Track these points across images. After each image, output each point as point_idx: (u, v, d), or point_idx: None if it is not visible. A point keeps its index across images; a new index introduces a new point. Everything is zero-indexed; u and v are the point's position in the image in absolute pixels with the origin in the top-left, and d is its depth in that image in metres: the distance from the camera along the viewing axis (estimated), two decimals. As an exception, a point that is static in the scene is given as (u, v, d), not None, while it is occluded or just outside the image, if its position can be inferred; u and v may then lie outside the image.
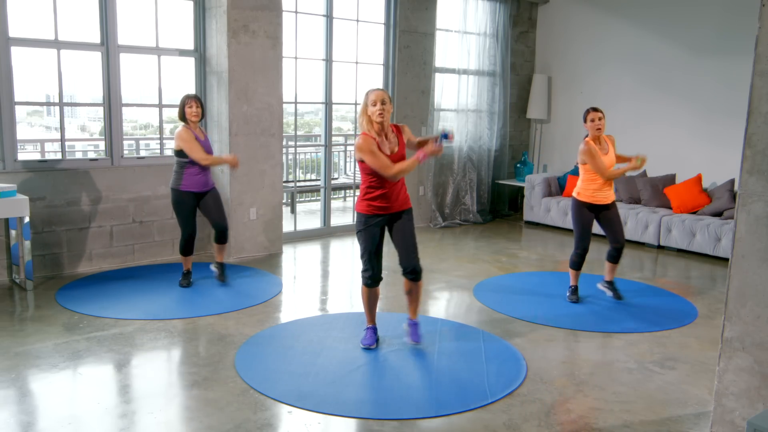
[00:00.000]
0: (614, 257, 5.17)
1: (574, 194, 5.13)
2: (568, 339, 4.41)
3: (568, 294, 5.24)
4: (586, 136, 5.01)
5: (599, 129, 4.94)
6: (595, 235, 5.88)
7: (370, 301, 4.09)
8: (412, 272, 3.99)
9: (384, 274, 4.10)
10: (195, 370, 3.75)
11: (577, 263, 5.16)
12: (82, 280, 5.39)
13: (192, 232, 5.16)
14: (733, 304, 2.86)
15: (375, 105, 3.75)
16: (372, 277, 3.99)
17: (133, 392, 3.48)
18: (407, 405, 3.36)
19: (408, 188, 7.83)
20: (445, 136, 3.78)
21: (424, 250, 6.80)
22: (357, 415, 3.25)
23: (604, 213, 5.07)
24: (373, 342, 4.09)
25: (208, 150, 5.12)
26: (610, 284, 5.29)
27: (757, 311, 2.79)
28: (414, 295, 4.10)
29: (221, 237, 5.32)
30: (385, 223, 3.97)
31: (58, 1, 5.33)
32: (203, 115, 5.15)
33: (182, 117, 5.05)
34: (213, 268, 5.49)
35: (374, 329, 4.15)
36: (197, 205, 5.17)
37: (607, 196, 5.02)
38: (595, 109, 4.97)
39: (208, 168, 5.14)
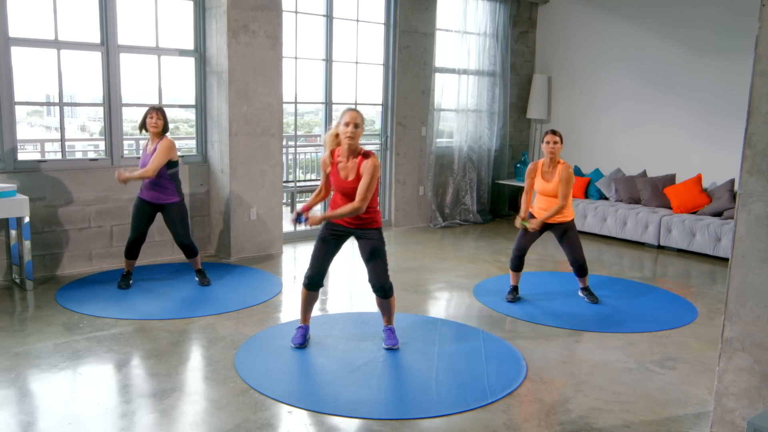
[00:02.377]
0: (577, 273, 5.14)
1: None
2: (568, 339, 4.41)
3: (506, 294, 5.23)
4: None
5: (552, 153, 4.92)
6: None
7: (305, 301, 4.10)
8: (380, 290, 3.98)
9: None
10: (195, 370, 3.75)
11: (514, 264, 5.16)
12: (82, 280, 5.39)
13: (135, 236, 5.11)
14: (733, 304, 2.86)
15: (348, 126, 3.76)
16: (309, 278, 4.01)
17: (133, 392, 3.48)
18: (407, 405, 3.36)
19: (408, 188, 7.91)
20: (299, 219, 3.86)
21: (424, 251, 6.82)
22: (357, 415, 3.25)
23: (555, 234, 5.06)
24: (302, 341, 4.08)
25: (144, 166, 5.02)
26: (584, 289, 5.25)
27: (757, 311, 2.79)
28: (384, 309, 4.11)
29: (186, 253, 5.26)
30: (347, 236, 4.00)
31: (58, 1, 5.33)
32: (165, 129, 5.03)
33: (142, 126, 5.04)
34: (196, 278, 5.42)
35: (305, 329, 4.14)
36: (153, 215, 5.13)
37: (543, 214, 4.97)
38: (553, 132, 4.94)
39: (153, 181, 5.02)
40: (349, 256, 6.73)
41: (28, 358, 3.81)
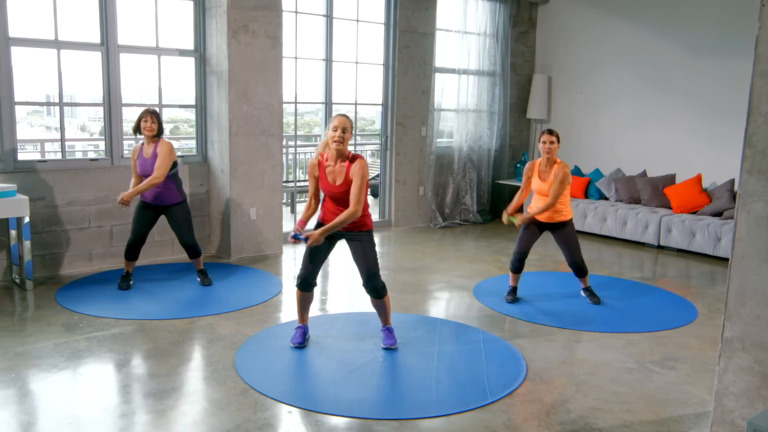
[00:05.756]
0: (576, 273, 5.12)
1: None
2: (568, 339, 4.41)
3: (505, 294, 5.22)
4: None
5: (549, 152, 4.89)
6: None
7: (301, 302, 4.11)
8: (373, 291, 3.99)
9: (383, 273, 4.09)
10: (195, 370, 3.75)
11: (514, 266, 5.14)
12: (82, 280, 5.39)
13: (136, 238, 5.09)
14: (733, 304, 2.86)
15: (336, 131, 3.78)
16: (301, 279, 4.02)
17: (133, 392, 3.48)
18: (407, 405, 3.36)
19: (408, 188, 7.91)
20: (297, 237, 3.84)
21: (424, 251, 6.82)
22: (357, 415, 3.25)
23: (554, 233, 5.05)
24: (302, 341, 4.09)
25: (143, 171, 4.99)
26: (586, 290, 5.22)
27: (757, 311, 2.79)
28: (379, 309, 4.12)
29: (189, 253, 5.26)
30: (339, 237, 4.00)
31: (58, 1, 5.33)
32: (160, 132, 5.02)
33: (136, 129, 5.03)
34: (197, 278, 5.43)
35: (304, 328, 4.15)
36: (155, 217, 5.12)
37: (541, 214, 4.94)
38: (550, 132, 4.90)
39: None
40: (349, 256, 6.72)
41: (28, 358, 3.81)
